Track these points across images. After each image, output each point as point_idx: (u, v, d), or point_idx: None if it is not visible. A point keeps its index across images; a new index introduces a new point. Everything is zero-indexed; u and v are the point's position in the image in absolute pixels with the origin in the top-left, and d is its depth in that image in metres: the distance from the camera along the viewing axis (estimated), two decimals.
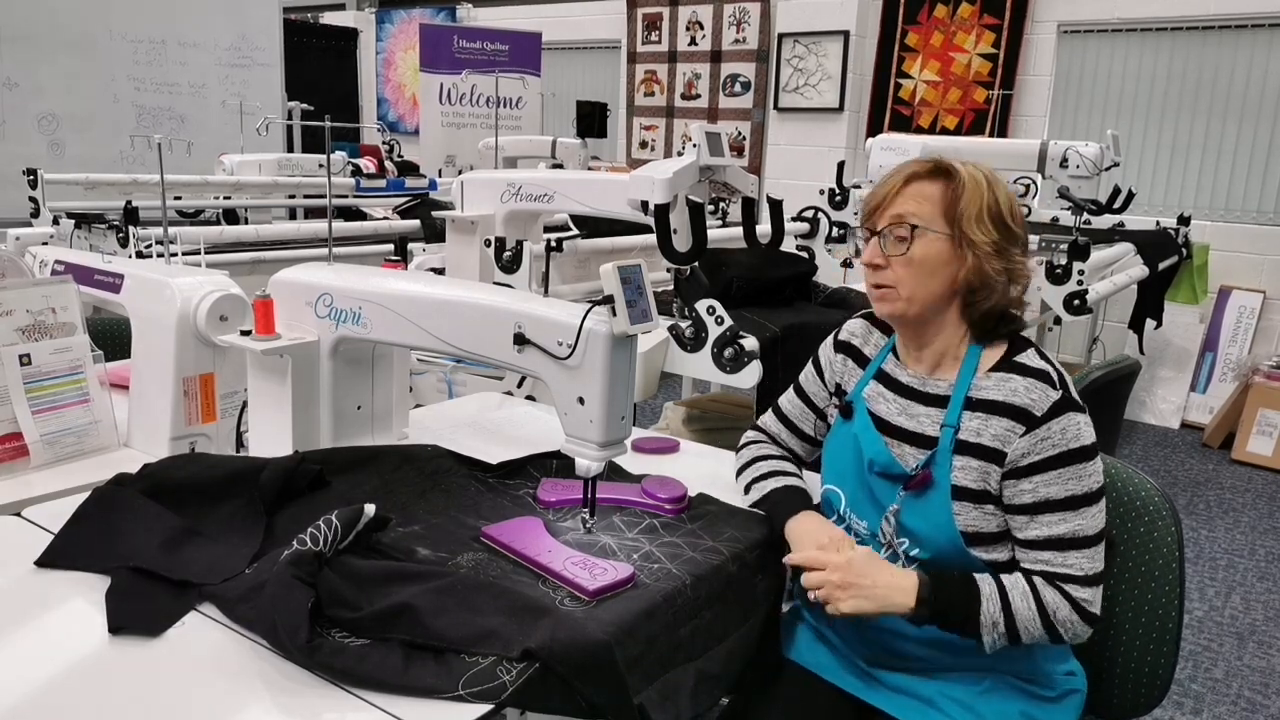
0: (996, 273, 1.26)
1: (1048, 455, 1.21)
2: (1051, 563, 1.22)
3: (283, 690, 0.96)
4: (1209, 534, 3.54)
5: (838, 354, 1.47)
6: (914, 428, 1.31)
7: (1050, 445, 1.21)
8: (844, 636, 1.37)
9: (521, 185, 2.43)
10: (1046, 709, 1.29)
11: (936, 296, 1.28)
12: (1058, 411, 1.22)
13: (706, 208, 2.07)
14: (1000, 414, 1.24)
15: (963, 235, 1.26)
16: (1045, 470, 1.22)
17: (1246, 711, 2.45)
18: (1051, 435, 1.21)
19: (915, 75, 5.76)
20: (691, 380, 3.32)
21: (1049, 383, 1.24)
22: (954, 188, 1.27)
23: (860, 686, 1.33)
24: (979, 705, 1.27)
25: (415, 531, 1.27)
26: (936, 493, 1.26)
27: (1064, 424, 1.22)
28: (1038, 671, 1.30)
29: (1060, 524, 1.22)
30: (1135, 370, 2.33)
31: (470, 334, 1.34)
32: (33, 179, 3.59)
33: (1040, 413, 1.22)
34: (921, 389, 1.33)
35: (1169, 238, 4.44)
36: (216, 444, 1.60)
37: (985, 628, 1.21)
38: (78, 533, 1.22)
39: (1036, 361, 1.27)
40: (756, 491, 1.44)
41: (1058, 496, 1.22)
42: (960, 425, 1.26)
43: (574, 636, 1.00)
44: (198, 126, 5.65)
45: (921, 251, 1.27)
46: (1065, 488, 1.21)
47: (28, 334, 1.52)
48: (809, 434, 1.51)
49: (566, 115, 6.31)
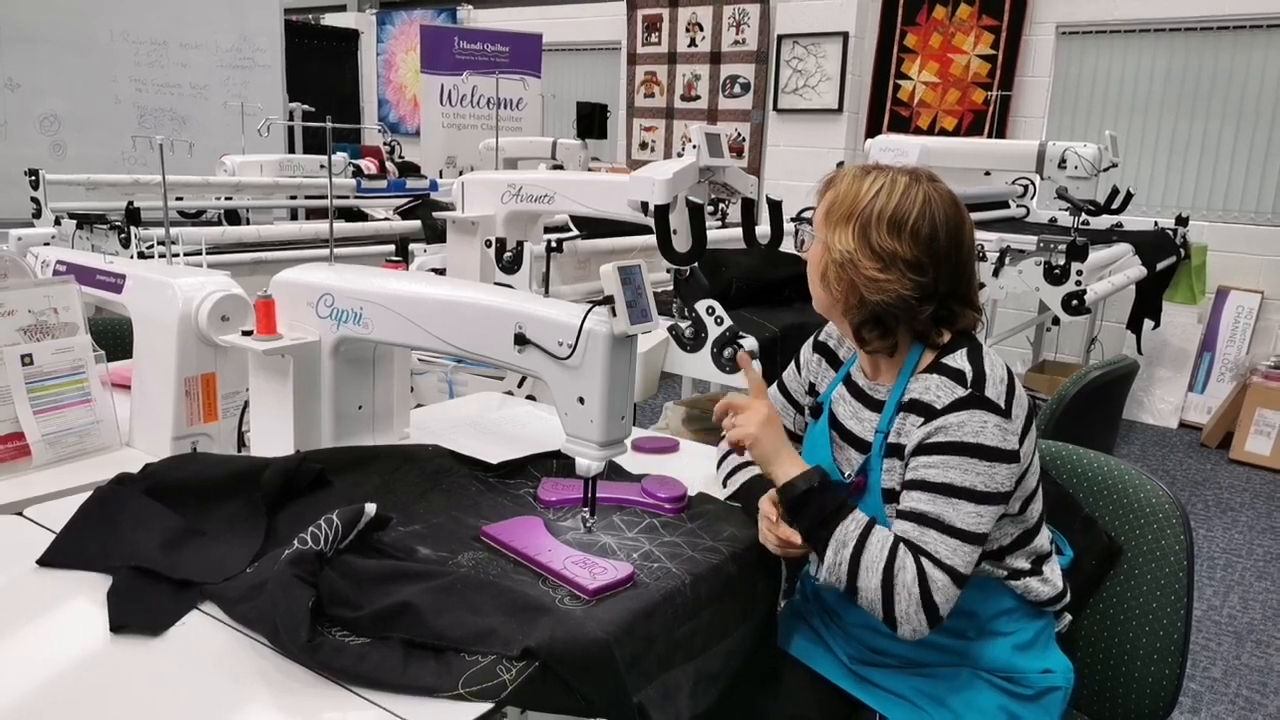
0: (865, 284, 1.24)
1: (935, 441, 1.20)
2: (909, 533, 1.19)
3: (283, 689, 0.97)
4: (1207, 534, 3.55)
5: (814, 354, 1.49)
6: (859, 432, 1.34)
7: (941, 433, 1.20)
8: (831, 631, 1.40)
9: (522, 186, 2.44)
10: (1027, 707, 1.30)
11: (828, 298, 1.31)
12: (959, 406, 1.20)
13: (706, 208, 2.08)
14: (913, 412, 1.24)
15: (828, 248, 1.28)
16: (930, 454, 1.21)
17: (1245, 710, 2.45)
18: (947, 425, 1.20)
19: (914, 76, 5.76)
20: (691, 380, 3.33)
21: (960, 381, 1.22)
22: (824, 198, 1.30)
23: (849, 683, 1.36)
24: (955, 702, 1.28)
25: (416, 531, 1.28)
26: (871, 497, 1.29)
27: (963, 418, 1.19)
28: (1013, 670, 1.30)
29: (927, 504, 1.19)
30: (1133, 370, 2.33)
31: (471, 334, 1.34)
32: (35, 180, 3.59)
33: (940, 406, 1.21)
34: (869, 393, 1.36)
35: (1167, 238, 4.45)
36: (218, 444, 1.61)
37: (835, 543, 1.20)
38: (79, 532, 1.22)
39: (959, 362, 1.24)
40: (733, 484, 1.46)
41: (933, 480, 1.19)
42: (890, 429, 1.27)
43: (574, 635, 1.00)
44: (199, 127, 5.65)
45: (813, 259, 1.32)
46: (944, 474, 1.19)
47: (30, 334, 1.53)
48: (790, 429, 1.53)
49: (567, 116, 6.32)
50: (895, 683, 1.32)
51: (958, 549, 1.18)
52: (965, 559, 1.18)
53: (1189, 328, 4.94)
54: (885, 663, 1.34)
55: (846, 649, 1.38)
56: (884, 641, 1.32)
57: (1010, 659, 1.30)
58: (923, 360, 1.29)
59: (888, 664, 1.34)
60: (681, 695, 1.13)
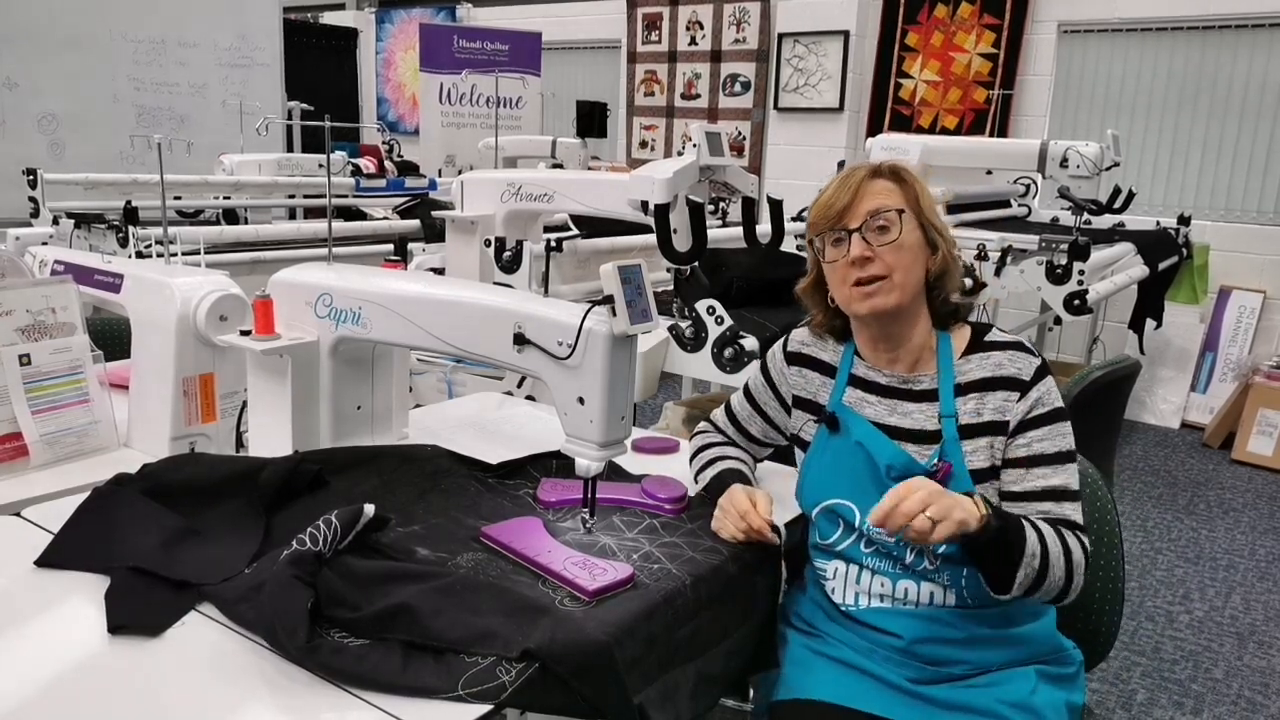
0: (953, 260, 1.34)
1: (1039, 413, 1.28)
2: (1052, 511, 1.26)
3: (282, 690, 0.96)
4: (1209, 534, 3.54)
5: (791, 366, 1.46)
6: (910, 425, 1.32)
7: (1040, 404, 1.29)
8: (874, 657, 1.29)
9: (521, 185, 2.43)
10: (1074, 690, 1.32)
11: (919, 285, 1.32)
12: (1041, 375, 1.30)
13: (706, 208, 2.07)
14: (994, 388, 1.30)
15: (930, 225, 1.32)
16: (1038, 426, 1.28)
17: (1246, 712, 2.45)
18: (1041, 395, 1.29)
19: (915, 75, 5.76)
20: (691, 380, 3.32)
21: (1027, 351, 1.32)
22: (911, 184, 1.33)
23: (905, 709, 1.24)
24: (1036, 704, 1.24)
25: (415, 531, 1.27)
26: (957, 482, 1.26)
27: (1048, 385, 1.30)
28: (1060, 648, 1.33)
29: (1053, 476, 1.27)
30: (1135, 370, 2.33)
31: (470, 334, 1.34)
32: (32, 179, 3.59)
33: (1029, 377, 1.30)
34: (905, 387, 1.34)
35: (1169, 238, 4.44)
36: (216, 444, 1.60)
37: (1026, 557, 1.19)
38: (77, 533, 1.22)
39: (1005, 336, 1.35)
40: (702, 480, 1.46)
41: (1049, 451, 1.27)
42: (958, 412, 1.29)
43: (573, 637, 1.00)
44: (198, 126, 5.65)
45: (908, 237, 1.30)
46: (1055, 444, 1.28)
47: (27, 334, 1.52)
48: (757, 437, 1.53)
49: (566, 115, 6.31)
50: (971, 698, 1.25)
51: (1077, 509, 1.28)
52: (1082, 515, 1.28)
53: (1191, 327, 4.93)
54: (954, 674, 1.27)
55: (903, 671, 1.27)
56: (948, 650, 1.27)
57: (1054, 637, 1.33)
58: (956, 343, 1.34)
59: (957, 675, 1.27)
60: (682, 696, 1.12)
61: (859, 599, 1.31)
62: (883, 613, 1.29)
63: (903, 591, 1.28)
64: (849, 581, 1.32)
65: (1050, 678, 1.29)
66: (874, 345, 1.37)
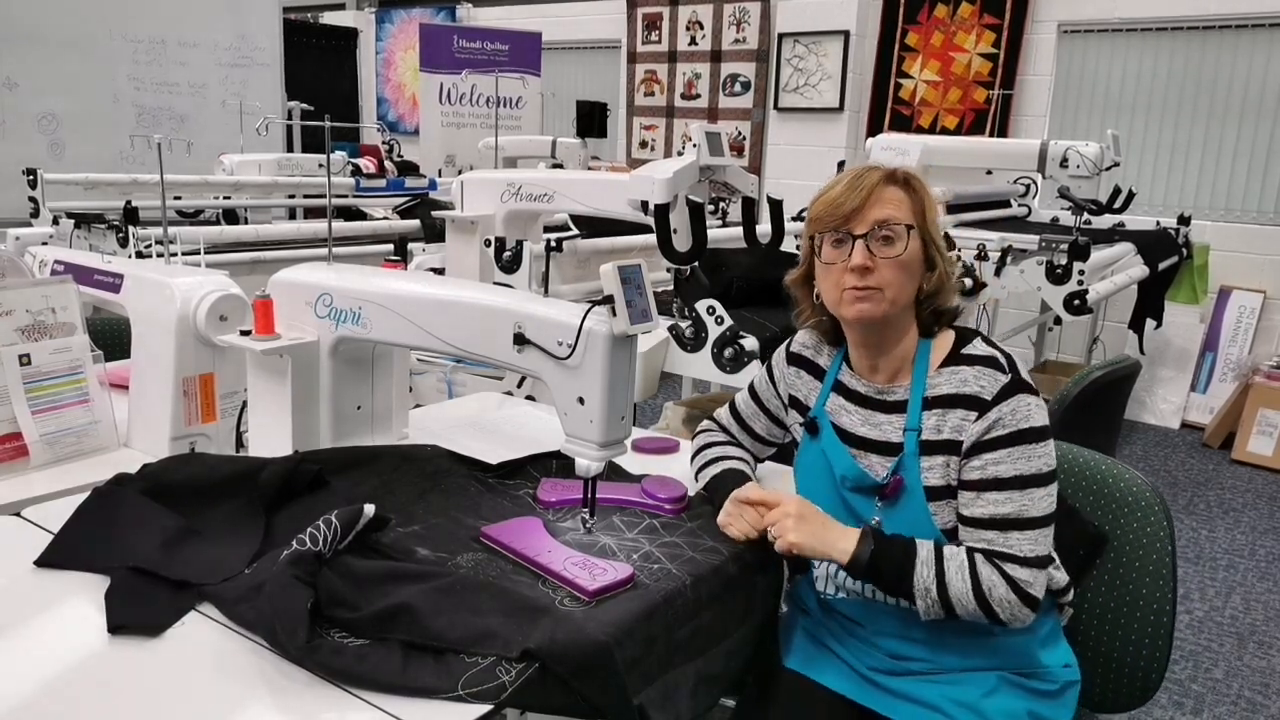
0: (948, 278, 1.32)
1: (997, 435, 1.22)
2: (994, 542, 1.22)
3: (282, 690, 0.96)
4: (1209, 534, 3.54)
5: (790, 366, 1.46)
6: (878, 436, 1.32)
7: (1000, 425, 1.22)
8: (847, 644, 1.36)
9: (521, 185, 2.43)
10: (1050, 705, 1.29)
11: (910, 300, 1.30)
12: (1007, 394, 1.23)
13: (706, 208, 2.07)
14: (955, 406, 1.26)
15: (932, 241, 1.29)
16: (995, 449, 1.23)
17: (1246, 712, 2.45)
18: (1002, 416, 1.23)
19: (915, 75, 5.76)
20: (691, 380, 3.32)
21: (997, 367, 1.26)
22: (921, 196, 1.30)
23: (863, 693, 1.31)
24: (985, 707, 1.26)
25: (415, 531, 1.27)
26: (911, 497, 1.27)
27: (1013, 405, 1.23)
28: (1037, 665, 1.29)
29: (1006, 503, 1.22)
30: (1135, 370, 2.33)
31: (470, 334, 1.34)
32: (32, 179, 3.59)
33: (990, 396, 1.24)
34: (880, 398, 1.34)
35: (1169, 238, 4.44)
36: (216, 444, 1.60)
37: (919, 591, 1.21)
38: (77, 533, 1.22)
39: (983, 349, 1.29)
40: (702, 479, 1.46)
41: (1005, 475, 1.22)
42: (921, 426, 1.27)
43: (573, 637, 1.00)
44: (197, 126, 5.65)
45: (910, 254, 1.28)
46: (1014, 467, 1.22)
47: (27, 334, 1.52)
48: (761, 434, 1.53)
49: (566, 115, 6.32)
50: (922, 690, 1.29)
51: (1038, 537, 1.22)
52: (1047, 541, 1.23)
53: (1191, 327, 4.93)
54: (912, 669, 1.31)
55: (867, 660, 1.33)
56: (911, 647, 1.30)
57: (1034, 654, 1.30)
58: (935, 356, 1.30)
59: (915, 671, 1.30)
60: (682, 696, 1.12)
61: (836, 591, 1.36)
62: (854, 604, 1.35)
63: (870, 591, 1.31)
64: (829, 574, 1.37)
65: (1017, 687, 1.28)
66: (858, 350, 1.37)
